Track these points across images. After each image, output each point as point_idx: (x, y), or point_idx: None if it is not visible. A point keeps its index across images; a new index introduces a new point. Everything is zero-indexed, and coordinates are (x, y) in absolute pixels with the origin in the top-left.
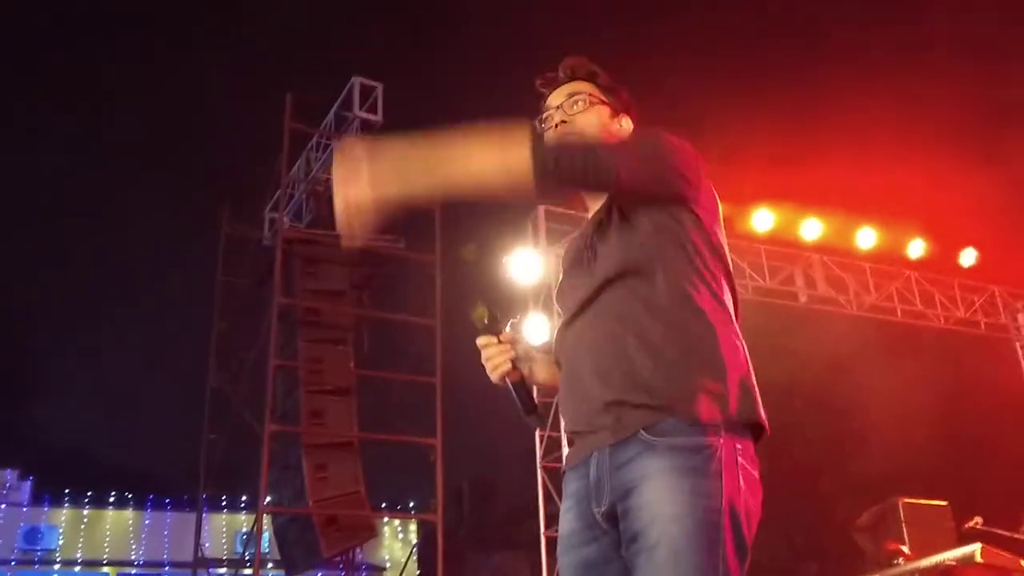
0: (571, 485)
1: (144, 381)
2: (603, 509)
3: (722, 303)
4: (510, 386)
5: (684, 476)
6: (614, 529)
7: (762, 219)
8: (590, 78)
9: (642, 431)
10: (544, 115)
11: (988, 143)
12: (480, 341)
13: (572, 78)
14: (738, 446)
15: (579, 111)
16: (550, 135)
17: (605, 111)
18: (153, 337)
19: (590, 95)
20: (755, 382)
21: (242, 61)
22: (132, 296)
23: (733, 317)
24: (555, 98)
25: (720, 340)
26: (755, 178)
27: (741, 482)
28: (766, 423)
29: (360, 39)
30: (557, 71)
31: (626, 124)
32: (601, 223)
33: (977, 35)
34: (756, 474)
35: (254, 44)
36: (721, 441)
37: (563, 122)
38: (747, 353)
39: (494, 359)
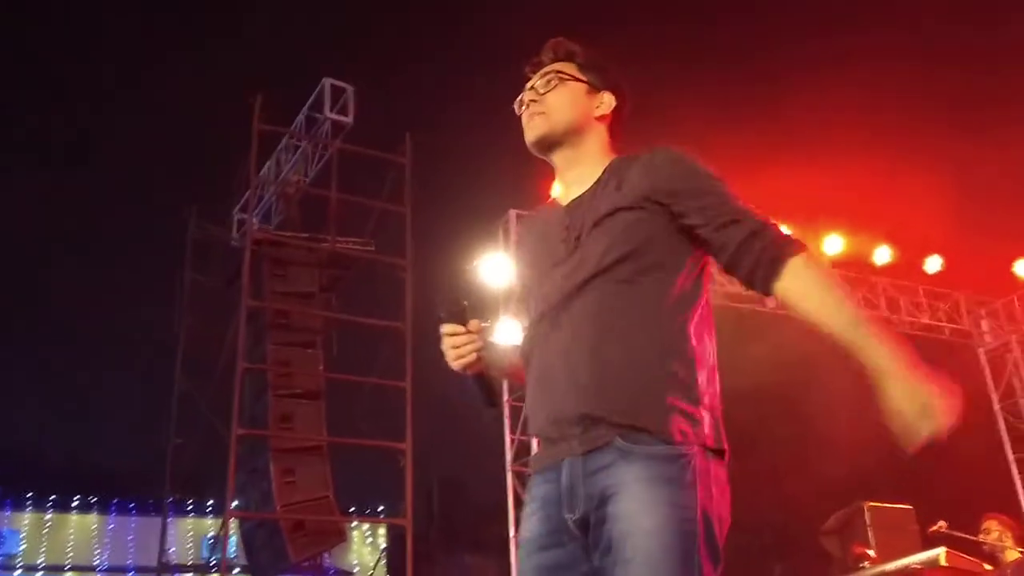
0: (539, 488)
1: (109, 383)
2: (576, 516)
3: (708, 323)
4: (472, 378)
5: (660, 486)
6: (584, 535)
7: None
8: (569, 57)
9: (617, 438)
10: (519, 98)
11: (954, 152)
12: (446, 328)
13: (554, 59)
14: (709, 454)
15: (550, 89)
16: (525, 117)
17: (579, 88)
18: (119, 338)
19: (561, 73)
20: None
21: (211, 59)
22: (97, 296)
23: (714, 336)
24: (533, 81)
25: (699, 364)
26: None
27: (713, 490)
28: (728, 451)
29: (331, 41)
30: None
31: (607, 100)
32: (592, 211)
33: (944, 43)
34: (726, 479)
35: (223, 42)
36: (695, 450)
37: (533, 101)
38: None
39: (460, 348)
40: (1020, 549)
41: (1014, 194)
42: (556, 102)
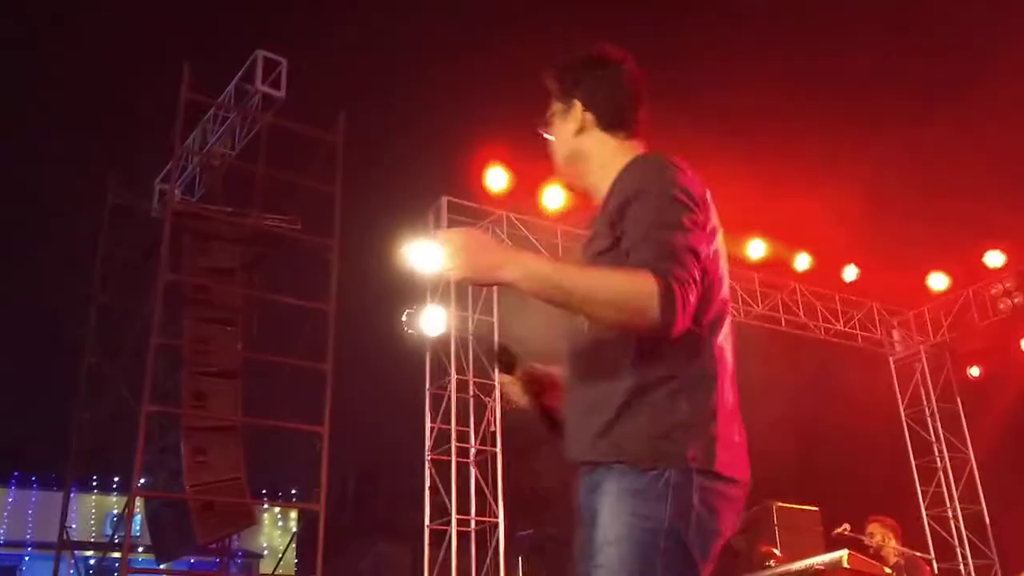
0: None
1: (13, 351)
2: (585, 530)
3: (699, 347)
4: (536, 413)
5: (628, 498)
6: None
7: None
8: (554, 89)
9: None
10: None
11: (875, 166)
12: (501, 379)
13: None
14: (697, 473)
15: (553, 150)
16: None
17: (557, 124)
18: (25, 306)
19: (542, 127)
20: (724, 430)
21: (140, 22)
22: (5, 261)
23: (713, 355)
24: None
25: (685, 391)
26: None
27: (695, 503)
28: (725, 471)
29: (267, 11)
30: None
31: (576, 111)
32: (591, 246)
33: (868, 56)
34: (722, 496)
35: (155, 6)
36: (671, 468)
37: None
38: (725, 395)
39: (514, 395)
40: (903, 550)
41: (929, 210)
42: (555, 154)
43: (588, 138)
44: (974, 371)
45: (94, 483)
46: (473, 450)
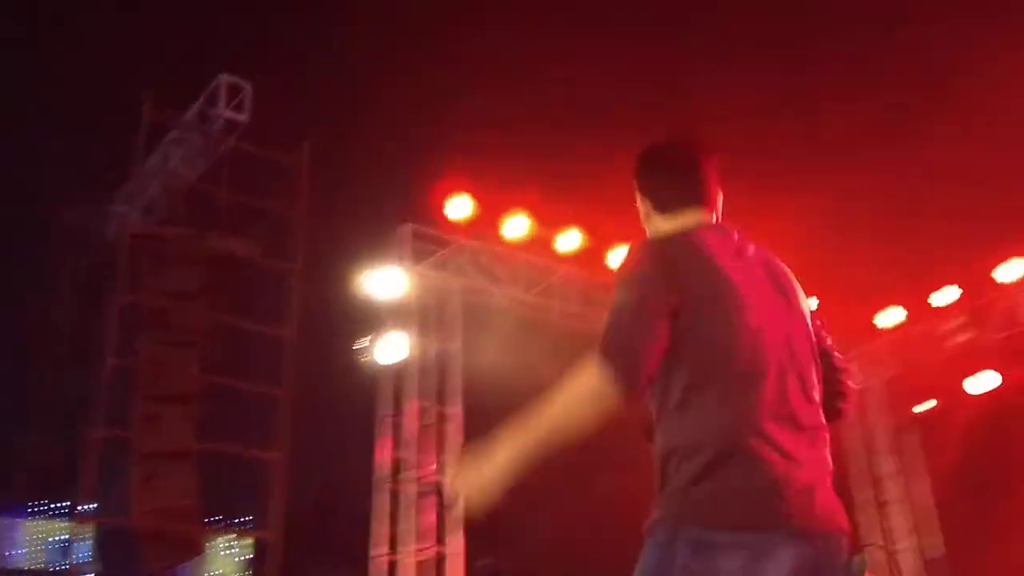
0: None
1: None
2: None
3: (691, 414)
4: None
5: (642, 554)
6: None
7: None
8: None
9: None
10: None
11: (827, 201)
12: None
13: None
14: (691, 527)
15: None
16: None
17: (641, 217)
18: None
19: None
20: (725, 482)
21: (102, 39)
22: None
23: (707, 417)
24: None
25: (681, 453)
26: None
27: (679, 556)
28: (722, 521)
29: (231, 34)
30: None
31: (649, 206)
32: None
33: (824, 92)
34: (726, 541)
35: (116, 24)
36: (661, 525)
37: None
38: (731, 446)
39: None
40: None
41: (881, 245)
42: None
43: (653, 222)
44: (926, 406)
45: (40, 508)
46: (430, 478)
